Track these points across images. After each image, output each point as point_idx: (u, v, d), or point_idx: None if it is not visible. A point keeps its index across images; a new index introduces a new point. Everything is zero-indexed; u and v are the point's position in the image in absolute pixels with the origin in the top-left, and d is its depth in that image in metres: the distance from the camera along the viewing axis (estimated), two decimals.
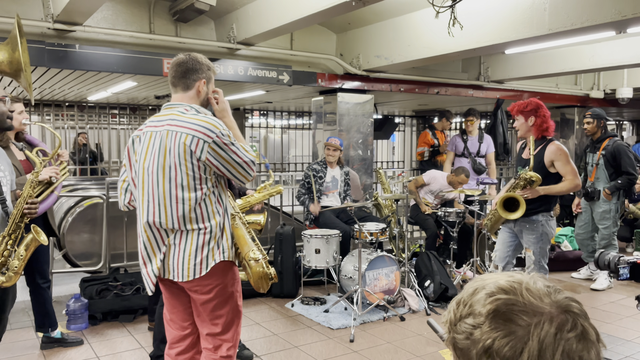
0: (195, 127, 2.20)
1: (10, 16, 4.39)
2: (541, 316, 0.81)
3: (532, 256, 3.84)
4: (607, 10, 3.74)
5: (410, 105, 9.39)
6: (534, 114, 3.81)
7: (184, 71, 2.33)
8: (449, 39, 4.53)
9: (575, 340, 0.80)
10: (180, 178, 2.21)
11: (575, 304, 0.85)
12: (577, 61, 6.12)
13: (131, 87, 6.45)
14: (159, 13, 5.15)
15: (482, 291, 0.86)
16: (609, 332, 4.23)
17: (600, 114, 5.49)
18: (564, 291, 0.87)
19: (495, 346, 0.80)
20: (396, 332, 4.22)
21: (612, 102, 8.42)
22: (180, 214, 2.23)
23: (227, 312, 2.36)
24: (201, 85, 2.35)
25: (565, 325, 0.81)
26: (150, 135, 2.29)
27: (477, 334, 0.83)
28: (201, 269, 2.25)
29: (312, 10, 4.18)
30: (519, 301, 0.82)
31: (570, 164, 3.75)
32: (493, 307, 0.83)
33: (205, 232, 2.25)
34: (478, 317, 0.84)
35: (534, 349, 0.78)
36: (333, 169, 5.55)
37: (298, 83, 5.86)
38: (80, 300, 4.28)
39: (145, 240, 2.31)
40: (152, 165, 2.26)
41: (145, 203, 2.29)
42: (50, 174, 3.39)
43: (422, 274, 5.09)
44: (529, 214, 3.76)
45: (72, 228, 5.46)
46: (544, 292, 0.85)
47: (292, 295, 5.08)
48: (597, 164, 5.46)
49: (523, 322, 0.80)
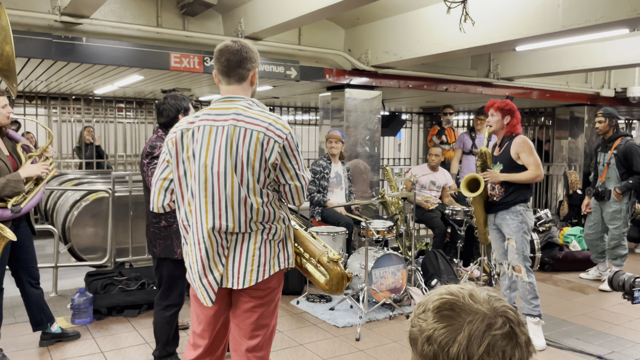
0: (266, 125, 2.04)
1: (17, 8, 4.37)
2: (476, 315, 0.96)
3: (515, 245, 4.01)
4: (622, 8, 3.66)
5: (418, 102, 9.32)
6: (511, 114, 4.03)
7: (238, 60, 2.12)
8: (460, 35, 4.46)
9: (500, 337, 0.94)
10: (249, 179, 2.04)
11: (511, 312, 0.99)
12: (589, 59, 6.03)
13: (138, 81, 6.42)
14: (166, 6, 5.11)
15: (436, 292, 1.04)
16: (617, 334, 4.17)
17: (612, 113, 5.41)
18: (504, 301, 1.01)
19: (434, 335, 0.96)
20: (402, 331, 4.18)
21: (622, 100, 8.32)
22: (248, 218, 2.07)
23: (270, 323, 2.22)
24: (255, 74, 2.19)
25: (495, 325, 0.95)
26: (210, 129, 2.07)
27: (424, 325, 0.99)
28: (264, 272, 2.10)
29: (321, 5, 4.13)
30: (460, 302, 0.99)
31: (533, 155, 3.95)
32: (438, 303, 1.00)
33: (270, 232, 2.11)
34: (427, 312, 1.00)
35: (464, 339, 0.94)
36: (336, 164, 5.51)
37: (306, 78, 5.82)
38: (85, 294, 4.27)
39: (209, 247, 2.09)
40: (217, 163, 2.04)
41: (210, 206, 2.06)
42: (41, 169, 3.36)
43: (429, 273, 5.04)
44: (508, 205, 4.02)
45: (78, 222, 5.46)
46: (485, 300, 1.00)
47: (298, 292, 5.06)
48: (609, 163, 5.39)
49: (460, 318, 0.96)
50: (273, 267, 2.13)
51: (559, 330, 4.26)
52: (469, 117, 10.94)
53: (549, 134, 9.43)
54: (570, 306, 4.90)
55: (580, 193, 7.82)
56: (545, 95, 7.75)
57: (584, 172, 8.39)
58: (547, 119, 9.69)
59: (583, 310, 4.76)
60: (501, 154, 4.08)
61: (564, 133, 8.82)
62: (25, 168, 3.30)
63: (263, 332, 2.20)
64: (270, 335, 2.26)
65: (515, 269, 4.04)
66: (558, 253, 6.13)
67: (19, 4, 4.40)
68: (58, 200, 6.33)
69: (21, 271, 3.56)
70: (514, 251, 4.02)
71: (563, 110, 8.83)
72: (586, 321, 4.48)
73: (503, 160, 4.04)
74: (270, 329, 2.24)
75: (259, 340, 2.19)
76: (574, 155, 8.67)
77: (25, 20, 4.43)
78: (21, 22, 4.42)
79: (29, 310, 3.67)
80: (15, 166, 3.31)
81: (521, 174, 3.97)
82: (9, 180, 3.16)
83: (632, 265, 6.49)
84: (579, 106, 8.54)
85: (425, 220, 5.82)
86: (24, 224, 3.47)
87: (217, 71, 2.18)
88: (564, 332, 4.23)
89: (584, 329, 4.29)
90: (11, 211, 3.17)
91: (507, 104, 4.05)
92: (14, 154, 3.37)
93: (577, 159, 8.64)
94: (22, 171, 3.27)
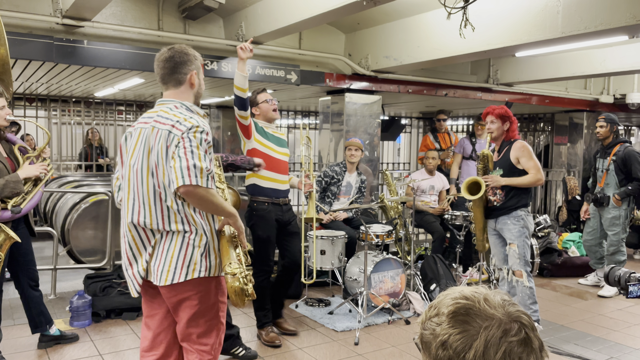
0: (173, 122, 2.14)
1: (19, 11, 4.38)
2: (492, 321, 0.95)
3: (517, 250, 4.04)
4: (621, 14, 3.68)
5: (418, 106, 9.34)
6: (510, 120, 4.11)
7: (172, 66, 2.26)
8: (460, 41, 4.48)
9: (517, 344, 0.94)
10: (163, 177, 2.14)
11: (525, 316, 0.99)
12: (588, 65, 6.06)
13: (138, 84, 6.44)
14: (167, 10, 5.13)
15: (449, 296, 1.02)
16: (616, 340, 4.17)
17: (613, 119, 5.42)
18: (518, 306, 1.01)
19: (450, 340, 0.95)
20: (401, 335, 4.18)
21: (621, 107, 8.35)
22: (166, 216, 2.17)
23: (199, 325, 2.26)
24: (193, 77, 2.29)
25: (511, 331, 0.95)
26: (140, 131, 2.24)
27: (438, 330, 0.98)
28: (180, 275, 2.16)
29: (321, 10, 4.15)
30: (476, 307, 0.98)
31: (533, 159, 4.01)
32: (453, 308, 0.99)
33: (190, 237, 2.18)
34: (441, 316, 0.99)
35: (481, 345, 0.93)
36: (351, 174, 5.36)
37: (306, 83, 5.83)
38: (84, 297, 4.27)
39: (131, 241, 2.24)
40: (137, 162, 2.20)
41: (131, 202, 2.23)
42: (40, 170, 3.36)
43: (427, 277, 5.04)
44: (509, 210, 4.06)
45: (77, 224, 5.45)
46: (499, 304, 0.99)
47: (297, 296, 5.05)
48: (608, 169, 5.40)
49: (476, 324, 0.95)
50: (192, 272, 2.18)
51: (557, 336, 4.26)
52: (469, 122, 10.96)
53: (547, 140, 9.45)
54: (568, 312, 4.90)
55: (579, 199, 7.84)
56: (545, 101, 7.77)
57: (582, 177, 8.40)
58: (546, 125, 9.71)
59: (582, 316, 4.76)
60: (501, 158, 4.11)
61: (563, 139, 8.85)
62: (24, 169, 3.31)
63: (197, 330, 2.26)
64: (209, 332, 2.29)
65: (515, 273, 4.06)
66: (557, 259, 6.14)
67: (21, 7, 4.42)
68: (57, 202, 6.33)
69: (20, 273, 3.55)
70: (515, 256, 4.03)
71: (562, 116, 8.85)
72: (585, 327, 4.49)
73: (503, 165, 4.07)
74: (198, 333, 2.27)
75: (195, 336, 2.27)
76: (573, 161, 8.69)
77: (26, 23, 4.44)
78: (23, 24, 4.44)
79: (28, 312, 3.66)
80: (13, 168, 3.32)
81: (522, 178, 4.00)
82: (8, 181, 3.16)
83: None
84: (578, 112, 8.57)
85: (425, 224, 5.82)
86: (23, 226, 3.47)
87: (158, 79, 2.33)
88: (562, 337, 4.24)
89: (582, 335, 4.29)
90: (11, 212, 3.17)
91: (505, 110, 4.09)
92: (11, 156, 3.38)
93: (576, 165, 8.66)
94: (21, 172, 3.27)
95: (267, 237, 3.89)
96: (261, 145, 3.84)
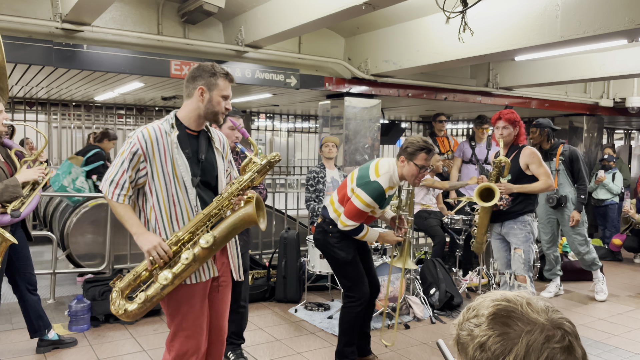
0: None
1: (18, 15, 4.39)
2: (534, 326, 0.92)
3: (522, 255, 4.03)
4: (620, 19, 3.69)
5: (417, 110, 9.35)
6: (519, 124, 4.07)
7: (187, 79, 2.39)
8: (459, 45, 4.48)
9: (559, 351, 0.91)
10: None
11: (569, 324, 0.96)
12: (588, 69, 6.06)
13: (138, 88, 6.45)
14: (167, 14, 5.14)
15: (489, 298, 1.00)
16: (616, 345, 4.16)
17: (541, 123, 5.27)
18: (561, 312, 0.98)
19: (489, 343, 0.93)
20: (400, 340, 4.17)
21: (621, 110, 8.36)
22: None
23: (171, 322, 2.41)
24: (202, 92, 2.34)
25: (554, 337, 0.92)
26: None
27: (477, 331, 0.95)
28: None
29: (321, 14, 4.15)
30: (518, 310, 0.95)
31: (543, 166, 4.00)
32: (494, 310, 0.96)
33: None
34: (480, 317, 0.96)
35: (522, 350, 0.90)
36: (332, 170, 5.37)
37: (305, 87, 5.84)
38: (82, 301, 4.26)
39: None
40: None
41: None
42: (37, 174, 3.36)
43: (427, 282, 5.03)
44: (516, 215, 4.04)
45: (76, 228, 5.45)
46: (542, 309, 0.96)
47: (296, 301, 5.04)
48: (558, 170, 5.31)
49: (517, 327, 0.92)
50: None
51: None
52: (469, 125, 10.97)
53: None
54: (568, 316, 4.82)
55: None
56: (544, 105, 7.78)
57: None
58: None
59: (582, 320, 4.75)
60: (511, 164, 4.04)
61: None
62: (22, 173, 3.31)
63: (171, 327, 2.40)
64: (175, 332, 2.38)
65: (518, 278, 4.06)
66: None
67: (21, 11, 4.43)
68: (57, 206, 6.33)
69: (18, 277, 3.55)
70: (520, 261, 4.03)
71: (562, 119, 8.86)
72: (585, 331, 4.47)
73: (512, 171, 4.04)
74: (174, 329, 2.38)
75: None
76: None
77: (26, 27, 4.45)
78: (22, 29, 4.44)
79: (26, 316, 3.65)
80: (10, 172, 3.32)
81: (533, 184, 3.99)
82: (7, 185, 3.16)
83: (631, 275, 6.49)
84: (578, 116, 8.57)
85: (425, 228, 5.82)
86: (20, 230, 3.47)
87: None
88: None
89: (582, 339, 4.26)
90: (11, 216, 3.17)
91: (514, 114, 4.04)
92: (8, 160, 3.38)
93: None
94: (19, 176, 3.27)
95: (353, 258, 3.44)
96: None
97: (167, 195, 2.29)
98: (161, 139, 2.28)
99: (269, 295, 5.14)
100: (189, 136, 2.37)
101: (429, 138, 7.17)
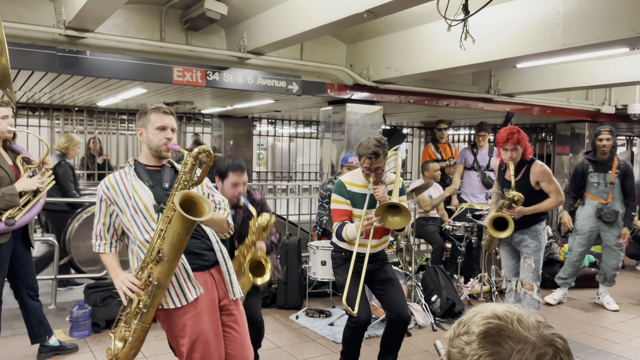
0: None
1: (22, 22, 4.42)
2: (525, 344, 0.91)
3: (532, 265, 4.03)
4: (621, 27, 3.70)
5: (419, 116, 9.37)
6: (525, 141, 4.05)
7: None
8: (461, 52, 4.49)
9: None
10: None
11: (560, 340, 0.94)
12: (589, 76, 6.07)
13: (141, 94, 6.47)
14: (170, 21, 5.16)
15: (480, 314, 0.98)
16: (619, 354, 4.14)
17: (613, 131, 5.25)
18: (553, 328, 0.96)
19: None
20: (402, 347, 4.14)
21: (623, 117, 8.35)
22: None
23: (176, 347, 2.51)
24: (141, 132, 2.46)
25: (545, 356, 0.90)
26: None
27: (467, 349, 0.93)
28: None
29: (323, 22, 4.17)
30: (508, 328, 0.93)
31: (554, 182, 4.03)
32: (485, 328, 0.94)
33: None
34: (471, 335, 0.95)
35: None
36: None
37: (307, 93, 5.85)
38: (84, 307, 4.26)
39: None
40: None
41: None
42: (36, 184, 3.38)
43: (429, 289, 5.02)
44: (526, 225, 4.05)
45: (78, 234, 5.45)
46: (534, 326, 0.94)
47: (297, 307, 5.04)
48: (613, 183, 5.15)
49: (508, 346, 0.91)
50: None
51: None
52: (471, 132, 10.97)
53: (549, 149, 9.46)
54: (570, 324, 4.87)
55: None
56: (546, 112, 7.78)
57: None
58: (548, 135, 9.72)
59: (584, 328, 4.73)
60: (520, 180, 4.05)
61: (565, 149, 8.85)
62: (22, 182, 3.32)
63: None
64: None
65: (525, 286, 4.07)
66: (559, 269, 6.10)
67: (25, 18, 4.46)
68: None
69: (20, 283, 3.55)
70: (529, 270, 4.04)
71: (564, 126, 8.86)
72: (587, 339, 4.46)
73: (522, 188, 4.02)
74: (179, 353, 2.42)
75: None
76: None
77: (30, 34, 4.48)
78: (26, 35, 4.47)
79: (28, 322, 3.66)
80: (18, 176, 3.35)
81: (544, 203, 4.03)
82: (4, 193, 3.18)
83: (633, 282, 6.47)
84: (579, 122, 8.57)
85: (424, 235, 5.81)
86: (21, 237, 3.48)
87: None
88: None
89: (584, 347, 4.26)
90: (5, 224, 3.18)
91: (520, 133, 3.96)
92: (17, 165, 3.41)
93: None
94: (18, 185, 3.29)
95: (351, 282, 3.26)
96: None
97: (138, 226, 2.34)
98: (121, 180, 2.39)
99: (270, 301, 5.13)
100: (149, 171, 2.44)
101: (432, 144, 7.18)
